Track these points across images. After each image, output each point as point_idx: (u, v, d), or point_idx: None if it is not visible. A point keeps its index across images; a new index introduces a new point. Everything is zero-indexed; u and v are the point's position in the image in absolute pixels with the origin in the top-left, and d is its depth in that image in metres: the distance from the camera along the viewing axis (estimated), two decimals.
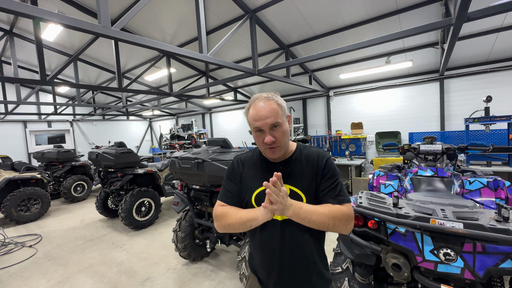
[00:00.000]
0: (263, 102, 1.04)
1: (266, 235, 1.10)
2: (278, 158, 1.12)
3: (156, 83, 8.36)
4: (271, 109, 1.02)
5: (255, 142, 1.12)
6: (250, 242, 1.24)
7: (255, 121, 1.04)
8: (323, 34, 4.63)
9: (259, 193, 1.10)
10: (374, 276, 1.86)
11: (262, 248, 1.14)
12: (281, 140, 1.05)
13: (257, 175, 1.14)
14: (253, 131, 1.09)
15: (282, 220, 1.08)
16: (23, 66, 7.34)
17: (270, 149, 1.05)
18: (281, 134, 1.04)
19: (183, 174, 2.80)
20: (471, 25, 3.89)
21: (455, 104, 5.23)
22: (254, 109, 1.05)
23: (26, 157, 9.41)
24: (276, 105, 1.04)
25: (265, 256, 1.13)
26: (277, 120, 1.02)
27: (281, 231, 1.08)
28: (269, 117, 1.02)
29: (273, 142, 1.03)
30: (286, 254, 1.08)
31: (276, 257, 1.09)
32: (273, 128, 1.03)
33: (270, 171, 1.02)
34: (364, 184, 5.27)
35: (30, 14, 1.95)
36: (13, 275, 3.23)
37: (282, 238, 1.08)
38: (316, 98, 7.39)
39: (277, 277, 1.11)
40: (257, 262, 1.18)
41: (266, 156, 1.13)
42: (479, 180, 2.10)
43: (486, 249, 1.27)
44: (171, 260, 3.36)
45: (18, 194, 5.03)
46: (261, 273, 1.17)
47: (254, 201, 1.11)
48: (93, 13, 4.55)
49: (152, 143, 13.81)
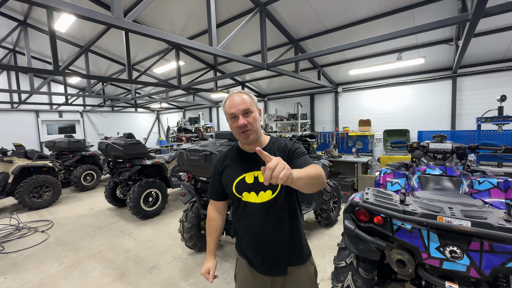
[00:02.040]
0: (236, 94, 1.22)
1: (251, 218, 1.25)
2: (254, 149, 1.15)
3: (164, 76, 8.42)
4: (243, 99, 1.20)
5: (231, 131, 1.30)
6: (236, 227, 1.36)
7: (230, 108, 1.20)
8: (333, 28, 4.56)
9: (238, 182, 1.26)
10: (378, 272, 1.87)
11: (248, 230, 1.28)
12: (253, 124, 1.20)
13: (235, 166, 1.30)
14: (229, 119, 1.23)
15: (261, 203, 1.23)
16: (36, 57, 7.50)
17: (243, 133, 1.20)
18: (252, 119, 1.20)
19: (191, 166, 2.85)
20: (488, 21, 3.77)
21: (468, 103, 5.10)
22: (229, 100, 1.22)
23: (38, 146, 9.68)
24: (247, 96, 1.22)
25: (251, 237, 1.27)
26: (249, 107, 1.19)
27: (261, 212, 1.23)
28: (242, 104, 1.18)
29: (245, 125, 1.18)
30: (269, 232, 1.24)
31: (261, 236, 1.24)
32: (246, 114, 1.19)
33: (247, 161, 1.26)
34: (371, 182, 5.24)
35: (45, 3, 1.99)
36: (27, 258, 3.37)
37: (264, 218, 1.23)
38: (324, 94, 7.32)
39: (263, 254, 1.25)
40: (246, 244, 1.31)
41: (241, 142, 1.29)
42: (489, 181, 2.06)
43: (494, 248, 1.26)
44: (177, 250, 3.44)
45: (31, 181, 5.20)
46: (249, 253, 1.30)
47: (235, 189, 1.26)
48: (104, 4, 4.59)
49: (159, 136, 13.98)
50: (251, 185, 1.23)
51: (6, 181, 5.15)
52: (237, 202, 1.29)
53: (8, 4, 4.89)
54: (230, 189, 1.27)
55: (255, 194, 1.23)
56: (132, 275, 2.90)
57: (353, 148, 6.53)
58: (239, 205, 1.29)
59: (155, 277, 2.85)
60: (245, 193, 1.24)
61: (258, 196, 1.23)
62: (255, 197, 1.23)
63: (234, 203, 1.32)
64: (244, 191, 1.25)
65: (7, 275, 2.99)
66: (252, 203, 1.24)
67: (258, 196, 1.23)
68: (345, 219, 1.72)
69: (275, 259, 1.25)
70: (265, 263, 1.26)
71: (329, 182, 4.01)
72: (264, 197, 1.22)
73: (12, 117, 9.12)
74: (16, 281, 2.87)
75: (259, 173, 1.21)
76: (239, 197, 1.26)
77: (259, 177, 1.23)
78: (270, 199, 1.22)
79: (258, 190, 1.23)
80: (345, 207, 1.70)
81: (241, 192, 1.25)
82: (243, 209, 1.27)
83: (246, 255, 1.32)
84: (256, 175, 1.24)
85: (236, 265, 1.43)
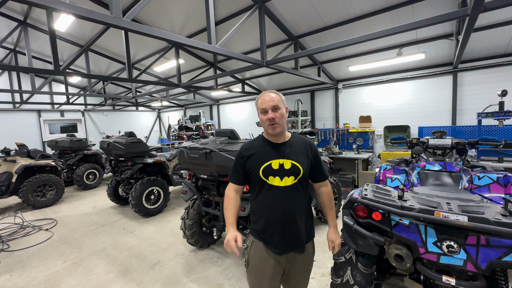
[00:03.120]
0: (267, 93, 1.46)
1: (275, 198, 1.43)
2: (279, 140, 1.50)
3: (164, 74, 8.43)
4: (273, 97, 1.43)
5: (260, 124, 1.51)
6: (256, 209, 1.51)
7: (262, 104, 1.44)
8: (333, 24, 4.54)
9: (265, 167, 1.44)
10: (377, 267, 1.89)
11: (271, 209, 1.44)
12: (280, 119, 1.42)
13: (263, 153, 1.48)
14: (260, 113, 1.46)
15: (284, 186, 1.42)
16: (37, 57, 7.52)
17: (271, 125, 1.42)
18: (280, 115, 1.42)
19: (192, 164, 2.87)
20: (488, 15, 3.74)
21: (468, 98, 5.08)
22: (261, 98, 1.46)
23: (40, 145, 9.75)
24: (276, 95, 1.44)
25: (270, 217, 1.44)
26: (277, 104, 1.42)
27: (284, 195, 1.43)
28: (271, 101, 1.42)
29: (273, 119, 1.40)
30: (288, 212, 1.43)
31: (280, 215, 1.42)
32: (275, 110, 1.42)
33: (274, 149, 1.48)
34: (371, 178, 5.25)
35: (44, 4, 2.00)
36: (32, 255, 3.42)
37: (285, 199, 1.43)
38: (324, 91, 7.30)
39: (280, 232, 1.43)
40: (262, 225, 1.47)
41: (268, 133, 1.49)
42: (489, 176, 2.07)
43: (490, 242, 1.28)
44: (179, 247, 3.48)
45: (34, 180, 5.26)
46: (266, 234, 1.46)
47: (262, 173, 1.43)
48: (103, 3, 4.59)
49: (160, 134, 14.02)
50: (277, 170, 1.42)
51: (10, 180, 5.21)
52: (261, 185, 1.45)
53: (8, 4, 4.90)
54: (257, 172, 1.43)
55: (279, 179, 1.42)
56: (135, 271, 2.95)
57: (354, 145, 6.53)
58: (262, 187, 1.45)
59: (158, 273, 2.90)
60: (271, 177, 1.42)
61: (282, 180, 1.42)
62: (279, 181, 1.42)
63: (257, 186, 1.47)
64: (270, 175, 1.42)
65: (13, 272, 3.05)
66: (276, 186, 1.42)
67: (282, 181, 1.42)
68: (344, 215, 1.74)
69: (293, 237, 1.43)
70: (282, 240, 1.42)
71: (330, 178, 4.02)
72: (288, 181, 1.42)
73: (14, 117, 9.17)
74: (21, 278, 2.92)
75: (285, 161, 1.43)
76: (265, 180, 1.43)
77: (284, 164, 1.43)
78: (292, 183, 1.42)
79: (283, 176, 1.42)
80: (343, 203, 1.72)
81: (267, 176, 1.43)
82: (267, 190, 1.44)
83: (263, 236, 1.46)
84: (282, 163, 1.43)
85: (249, 250, 1.53)
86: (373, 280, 1.74)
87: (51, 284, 2.79)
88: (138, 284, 2.72)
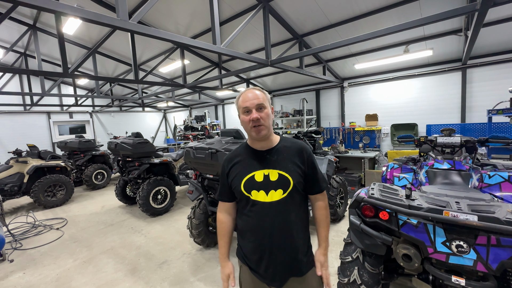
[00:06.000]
0: (250, 90, 1.22)
1: (258, 218, 1.21)
2: (264, 147, 1.26)
3: (170, 75, 8.50)
4: (257, 94, 1.19)
5: (242, 126, 1.26)
6: (241, 229, 1.30)
7: (243, 102, 1.19)
8: (338, 22, 4.50)
9: (247, 180, 1.21)
10: (385, 267, 1.87)
11: (255, 232, 1.22)
12: (265, 120, 1.18)
13: (244, 164, 1.26)
14: (241, 113, 1.22)
15: (270, 202, 1.19)
16: (46, 59, 7.68)
17: (256, 127, 1.18)
18: (265, 115, 1.19)
19: (197, 164, 2.89)
20: (498, 10, 3.64)
21: (478, 95, 4.97)
22: (243, 95, 1.21)
23: (50, 146, 9.97)
24: (260, 92, 1.22)
25: (257, 239, 1.21)
26: (262, 102, 1.18)
27: (271, 212, 1.19)
28: (255, 99, 1.18)
29: (258, 119, 1.16)
30: (276, 235, 1.19)
31: (268, 238, 1.19)
32: (259, 109, 1.18)
33: (256, 159, 1.23)
34: (378, 177, 5.19)
35: (53, 9, 2.05)
36: (44, 254, 3.51)
37: (273, 217, 1.19)
38: (329, 89, 7.25)
39: (268, 258, 1.20)
40: (249, 249, 1.25)
41: (252, 138, 1.25)
42: (500, 174, 2.02)
43: (501, 242, 1.25)
44: (186, 246, 3.52)
45: (45, 181, 5.39)
46: (252, 259, 1.24)
47: (243, 187, 1.21)
48: (110, 6, 4.66)
49: (166, 134, 14.16)
50: (261, 183, 1.19)
51: (21, 181, 5.35)
52: (245, 201, 1.24)
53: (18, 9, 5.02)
54: (238, 187, 1.22)
55: (264, 193, 1.18)
56: (144, 270, 2.99)
57: (360, 143, 6.46)
58: (246, 204, 1.23)
59: (165, 272, 2.93)
60: (254, 191, 1.19)
61: (268, 195, 1.18)
62: (264, 196, 1.18)
63: (242, 202, 1.26)
64: (253, 190, 1.20)
65: (26, 270, 3.14)
66: (260, 202, 1.19)
67: (268, 195, 1.18)
68: (350, 214, 1.73)
69: (285, 265, 1.20)
70: (270, 269, 1.20)
71: (336, 177, 4.00)
72: (275, 196, 1.18)
73: (25, 119, 9.40)
74: (34, 275, 3.01)
75: (270, 171, 1.19)
76: (247, 195, 1.20)
77: (270, 175, 1.19)
78: (281, 198, 1.18)
79: (268, 189, 1.18)
80: (350, 203, 1.71)
81: (250, 191, 1.20)
82: (250, 207, 1.21)
83: (249, 261, 1.26)
84: (267, 174, 1.19)
85: (240, 271, 1.37)
86: (380, 280, 1.72)
87: (62, 282, 2.86)
88: (146, 282, 2.76)
